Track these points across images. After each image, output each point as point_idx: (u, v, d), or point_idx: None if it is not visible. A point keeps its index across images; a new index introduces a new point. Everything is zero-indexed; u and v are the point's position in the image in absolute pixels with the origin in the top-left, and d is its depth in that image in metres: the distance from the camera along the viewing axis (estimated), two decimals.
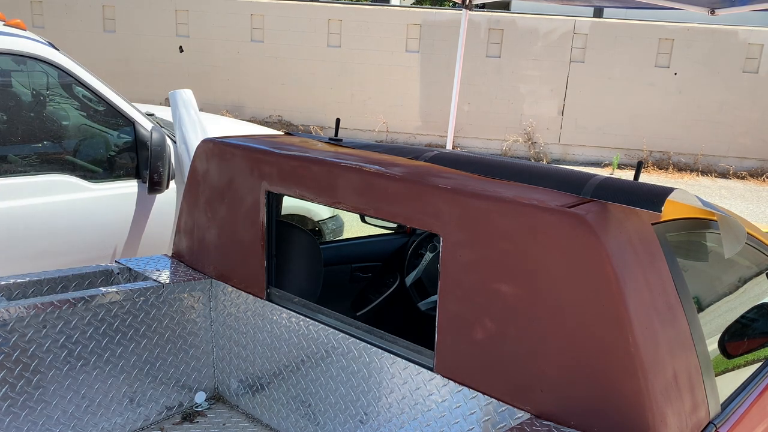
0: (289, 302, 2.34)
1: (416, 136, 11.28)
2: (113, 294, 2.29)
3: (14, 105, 3.16)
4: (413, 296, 2.95)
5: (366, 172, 1.99)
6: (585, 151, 10.96)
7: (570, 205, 1.63)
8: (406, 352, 1.99)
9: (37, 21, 11.31)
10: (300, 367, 2.31)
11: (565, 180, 1.81)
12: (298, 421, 2.35)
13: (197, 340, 2.58)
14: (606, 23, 10.77)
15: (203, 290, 2.57)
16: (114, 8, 11.34)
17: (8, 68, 3.10)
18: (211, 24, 11.27)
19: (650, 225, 1.72)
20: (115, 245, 3.30)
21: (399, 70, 11.10)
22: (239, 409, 2.60)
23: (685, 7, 3.89)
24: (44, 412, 2.18)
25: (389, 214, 1.98)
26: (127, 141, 3.37)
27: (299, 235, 2.72)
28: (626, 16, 10.84)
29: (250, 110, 11.43)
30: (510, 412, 1.71)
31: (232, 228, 2.45)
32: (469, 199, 1.74)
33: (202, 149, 2.54)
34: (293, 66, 11.26)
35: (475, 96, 10.72)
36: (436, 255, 2.95)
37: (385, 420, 2.05)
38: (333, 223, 4.25)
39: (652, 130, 10.74)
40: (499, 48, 10.84)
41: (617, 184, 1.75)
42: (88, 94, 3.27)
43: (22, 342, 2.10)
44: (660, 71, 10.60)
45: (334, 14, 11.11)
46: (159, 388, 2.49)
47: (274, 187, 2.26)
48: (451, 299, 1.80)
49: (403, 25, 10.98)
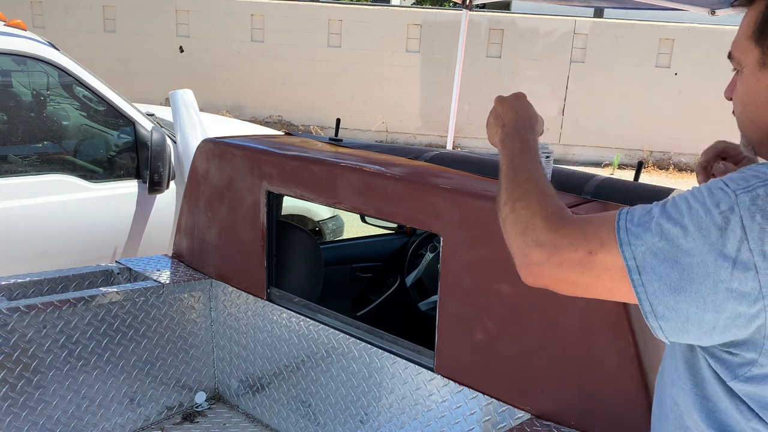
0: (290, 302, 2.33)
1: (416, 136, 11.28)
2: (113, 294, 2.29)
3: (15, 105, 3.16)
4: (413, 296, 2.95)
5: (366, 172, 1.99)
6: (585, 151, 10.96)
7: (570, 206, 1.63)
8: (407, 352, 1.99)
9: (38, 21, 11.30)
10: (300, 367, 2.31)
11: (566, 180, 1.81)
12: (299, 421, 2.35)
13: (197, 340, 2.58)
14: (606, 23, 10.77)
15: (203, 290, 2.57)
16: (114, 8, 11.33)
17: (9, 68, 3.10)
18: (211, 24, 11.26)
19: None
20: (116, 245, 3.30)
21: (399, 70, 11.09)
22: (239, 409, 2.60)
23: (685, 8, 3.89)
24: (44, 412, 2.18)
25: (389, 214, 1.98)
26: (127, 141, 3.37)
27: (299, 235, 2.71)
28: (626, 16, 10.82)
29: (251, 110, 11.43)
30: (510, 412, 1.71)
31: (232, 228, 2.45)
32: (469, 199, 1.74)
33: (203, 149, 2.53)
34: (293, 66, 11.26)
35: (475, 96, 10.71)
36: (436, 255, 2.95)
37: (385, 420, 2.05)
38: (333, 223, 4.25)
39: (652, 130, 10.73)
40: (500, 48, 10.84)
41: (617, 184, 1.75)
42: (88, 94, 3.27)
43: (23, 342, 2.10)
44: (660, 71, 10.60)
45: (334, 14, 11.10)
46: (159, 388, 2.49)
47: (275, 187, 2.26)
48: (451, 299, 1.80)
49: (403, 25, 10.98)
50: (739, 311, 0.83)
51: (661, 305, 0.87)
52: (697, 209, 0.86)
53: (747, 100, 0.99)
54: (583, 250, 0.92)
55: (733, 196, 0.84)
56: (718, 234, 0.83)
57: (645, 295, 0.87)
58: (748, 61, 0.97)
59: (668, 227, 0.87)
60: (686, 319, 0.86)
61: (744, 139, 1.04)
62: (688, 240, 0.85)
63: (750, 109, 0.99)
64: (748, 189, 0.84)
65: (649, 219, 0.89)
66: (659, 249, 0.87)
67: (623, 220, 0.91)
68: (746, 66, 0.98)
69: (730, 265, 0.82)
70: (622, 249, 0.89)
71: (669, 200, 0.91)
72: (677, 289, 0.85)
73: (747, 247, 0.81)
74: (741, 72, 1.00)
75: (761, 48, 0.95)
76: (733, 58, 1.01)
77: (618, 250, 0.89)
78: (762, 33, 0.94)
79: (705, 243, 0.84)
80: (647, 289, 0.87)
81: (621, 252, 0.89)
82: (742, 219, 0.82)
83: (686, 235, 0.85)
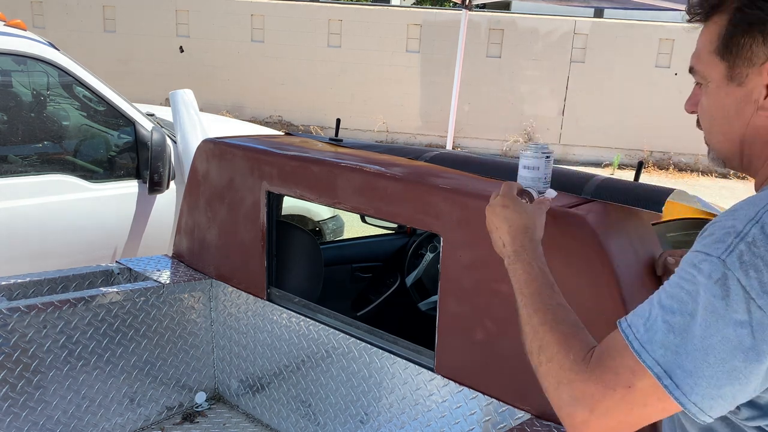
0: (290, 302, 2.33)
1: (416, 136, 11.28)
2: (113, 294, 2.29)
3: (15, 105, 3.16)
4: (413, 296, 2.95)
5: (366, 173, 1.99)
6: (585, 151, 10.96)
7: (570, 206, 1.63)
8: (407, 352, 1.99)
9: (38, 21, 11.30)
10: (300, 367, 2.31)
11: (566, 180, 1.81)
12: (299, 421, 2.35)
13: (197, 340, 2.58)
14: (606, 23, 10.77)
15: (203, 290, 2.57)
16: (114, 8, 11.33)
17: (9, 68, 3.10)
18: (211, 24, 11.26)
19: (650, 225, 1.72)
20: (116, 245, 3.30)
21: (399, 70, 11.10)
22: (239, 409, 2.60)
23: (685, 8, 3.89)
24: (44, 412, 2.18)
25: (389, 214, 1.98)
26: (127, 141, 3.37)
27: (299, 235, 2.71)
28: (626, 16, 10.82)
29: (251, 110, 11.43)
30: (510, 412, 1.71)
31: (232, 228, 2.45)
32: (469, 199, 1.74)
33: (203, 149, 2.53)
34: (293, 66, 11.26)
35: (475, 96, 10.72)
36: (436, 255, 2.95)
37: (385, 420, 2.05)
38: (333, 223, 4.25)
39: (652, 130, 10.73)
40: (500, 48, 10.84)
41: (618, 184, 1.75)
42: (88, 94, 3.27)
43: (23, 342, 2.10)
44: (660, 71, 10.60)
45: (334, 14, 11.10)
46: (159, 388, 2.49)
47: (275, 187, 2.26)
48: (451, 299, 1.80)
49: (403, 25, 10.98)
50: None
51: (706, 399, 0.81)
52: (692, 290, 0.83)
53: (716, 113, 0.99)
54: (620, 387, 0.86)
55: (720, 262, 0.81)
56: (724, 304, 0.80)
57: (685, 397, 0.81)
58: (713, 76, 0.97)
59: (675, 320, 0.83)
60: (733, 398, 0.82)
61: (712, 153, 1.04)
62: (699, 324, 0.81)
63: (719, 122, 0.99)
64: (730, 250, 0.82)
65: (654, 320, 0.86)
66: (677, 345, 0.82)
67: (630, 334, 0.87)
68: (712, 80, 0.97)
69: (749, 330, 0.79)
70: (642, 360, 0.84)
71: (662, 294, 0.87)
72: (712, 376, 0.80)
73: (755, 305, 0.79)
74: (706, 86, 0.99)
75: (727, 62, 0.94)
76: (696, 72, 1.00)
77: (646, 367, 0.84)
78: (727, 48, 0.94)
79: (716, 318, 0.80)
80: (684, 390, 0.81)
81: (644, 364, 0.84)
82: (740, 280, 0.80)
83: (695, 320, 0.82)
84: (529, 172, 1.48)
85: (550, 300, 1.06)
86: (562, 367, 0.93)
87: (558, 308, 1.04)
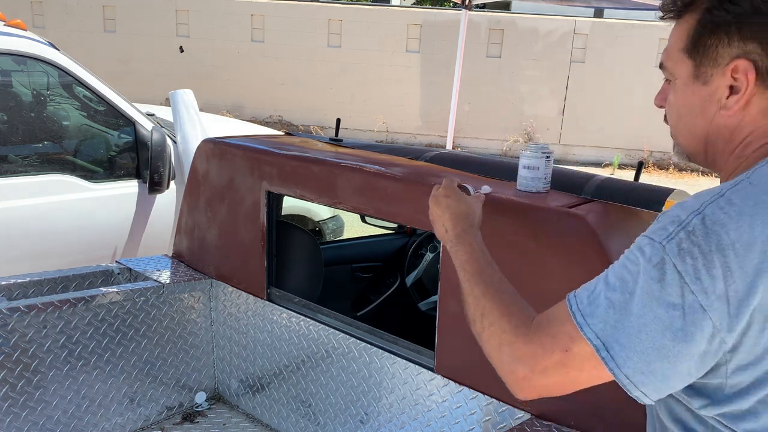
0: (290, 302, 2.33)
1: (416, 136, 11.28)
2: (113, 294, 2.29)
3: (15, 105, 3.16)
4: (413, 296, 2.95)
5: (366, 172, 1.99)
6: (585, 151, 10.96)
7: (570, 206, 1.63)
8: (407, 352, 1.99)
9: (38, 21, 11.30)
10: (300, 367, 2.31)
11: (566, 180, 1.81)
12: (299, 421, 2.35)
13: (197, 340, 2.58)
14: (606, 23, 10.76)
15: (203, 290, 2.57)
16: (114, 8, 11.33)
17: (9, 68, 3.10)
18: (211, 24, 11.26)
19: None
20: (116, 245, 3.30)
21: (399, 70, 11.09)
22: (239, 409, 2.60)
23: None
24: (45, 412, 2.18)
25: (389, 214, 1.98)
26: (127, 141, 3.36)
27: (299, 235, 2.71)
28: (626, 16, 10.82)
29: (251, 110, 11.43)
30: (510, 412, 1.71)
31: (232, 228, 2.45)
32: None
33: (203, 149, 2.53)
34: (293, 66, 11.26)
35: (475, 96, 10.71)
36: (436, 255, 2.95)
37: (385, 420, 2.05)
38: (333, 223, 4.25)
39: (652, 130, 10.71)
40: (500, 48, 10.84)
41: (618, 184, 1.75)
42: (88, 94, 3.27)
43: (23, 342, 2.10)
44: (660, 71, 10.59)
45: (334, 14, 11.10)
46: (159, 388, 2.49)
47: (275, 187, 2.26)
48: (451, 299, 1.80)
49: (403, 25, 10.98)
50: (703, 350, 0.85)
51: (636, 373, 0.87)
52: (634, 271, 0.88)
53: (682, 110, 1.01)
54: (558, 350, 0.92)
55: (660, 247, 0.86)
56: (659, 287, 0.85)
57: (618, 369, 0.87)
58: (681, 73, 0.99)
59: (616, 297, 0.89)
60: (663, 377, 0.87)
61: (677, 147, 1.07)
62: (636, 302, 0.86)
63: (686, 119, 1.01)
64: (671, 237, 0.86)
65: (597, 295, 0.91)
66: (615, 320, 0.88)
67: (574, 305, 0.93)
68: (679, 78, 1.00)
69: (680, 313, 0.84)
70: (583, 332, 0.90)
71: (609, 272, 0.93)
72: (644, 351, 0.86)
73: (689, 290, 0.84)
74: (674, 83, 1.02)
75: (694, 61, 0.97)
76: (665, 68, 1.03)
77: (585, 338, 0.90)
78: (695, 46, 0.96)
79: (651, 299, 0.85)
80: (618, 362, 0.87)
81: (584, 336, 0.89)
82: (676, 266, 0.84)
83: (633, 299, 0.87)
84: (529, 172, 1.48)
85: (491, 275, 1.13)
86: (504, 331, 1.00)
87: (500, 282, 1.11)
